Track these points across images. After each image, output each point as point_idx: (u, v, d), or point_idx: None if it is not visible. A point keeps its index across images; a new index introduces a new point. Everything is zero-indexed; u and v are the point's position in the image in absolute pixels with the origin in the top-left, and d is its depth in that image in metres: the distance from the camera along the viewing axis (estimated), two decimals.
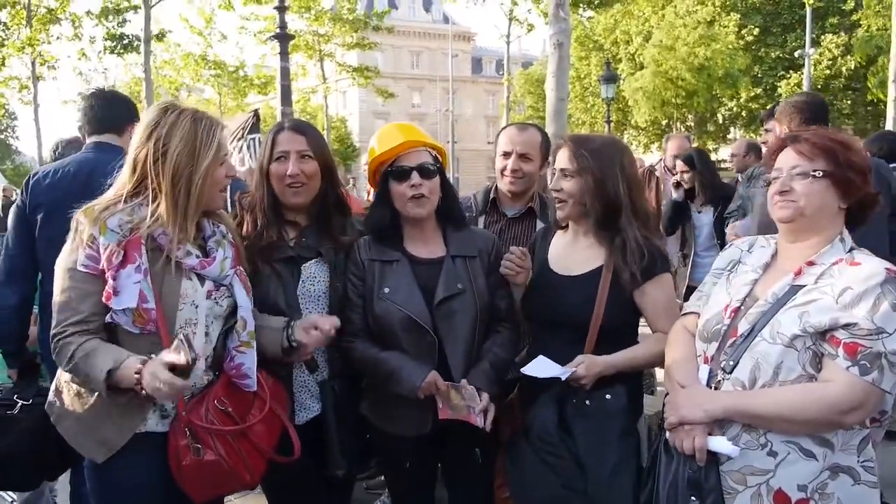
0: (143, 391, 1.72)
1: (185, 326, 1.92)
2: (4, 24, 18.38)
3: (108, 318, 1.84)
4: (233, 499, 3.72)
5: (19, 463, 2.37)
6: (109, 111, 2.98)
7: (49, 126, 36.59)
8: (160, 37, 17.27)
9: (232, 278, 2.03)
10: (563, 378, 2.10)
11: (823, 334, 1.65)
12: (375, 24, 23.57)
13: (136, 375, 1.72)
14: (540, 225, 2.83)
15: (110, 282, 1.81)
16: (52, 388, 2.05)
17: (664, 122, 27.23)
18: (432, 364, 2.22)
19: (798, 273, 1.76)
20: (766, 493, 1.69)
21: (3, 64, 18.53)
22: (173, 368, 1.67)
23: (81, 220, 1.87)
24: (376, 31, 23.83)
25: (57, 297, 1.88)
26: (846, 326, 1.62)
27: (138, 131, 1.95)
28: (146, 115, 1.97)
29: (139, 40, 13.74)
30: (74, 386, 1.93)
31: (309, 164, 2.29)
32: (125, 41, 16.62)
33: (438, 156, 2.37)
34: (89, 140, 2.99)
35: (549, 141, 3.03)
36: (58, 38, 17.93)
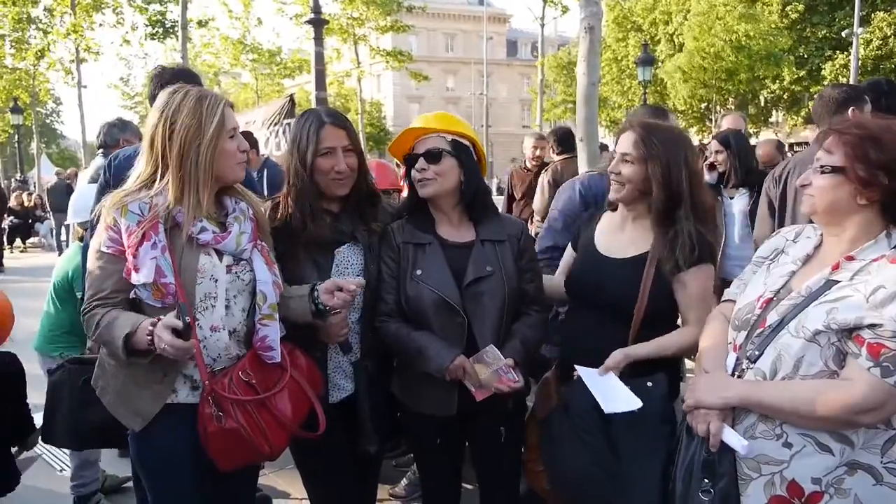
0: (152, 345, 1.85)
1: (204, 300, 2.02)
2: (49, 11, 18.90)
3: (132, 294, 1.97)
4: (268, 472, 3.88)
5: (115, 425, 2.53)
6: None
7: (92, 110, 38.07)
8: (203, 23, 17.54)
9: (251, 252, 2.12)
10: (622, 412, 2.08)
11: (850, 332, 1.61)
12: (409, 5, 23.56)
13: (149, 336, 1.84)
14: None
15: (130, 259, 1.93)
16: (97, 364, 2.18)
17: (703, 105, 26.70)
18: (461, 345, 2.27)
19: (836, 268, 1.71)
20: (779, 482, 1.68)
21: (49, 49, 19.08)
22: (176, 332, 1.80)
23: (106, 206, 2.00)
24: (409, 11, 23.82)
25: (87, 277, 2.03)
26: (872, 326, 1.57)
27: (151, 115, 2.06)
28: (157, 99, 2.07)
29: (178, 26, 13.98)
30: (112, 361, 2.05)
31: (352, 157, 2.38)
32: (167, 25, 16.93)
33: (461, 140, 2.40)
34: None
35: None
36: (100, 24, 18.33)
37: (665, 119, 3.04)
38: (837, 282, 1.68)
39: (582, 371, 2.17)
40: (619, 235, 2.38)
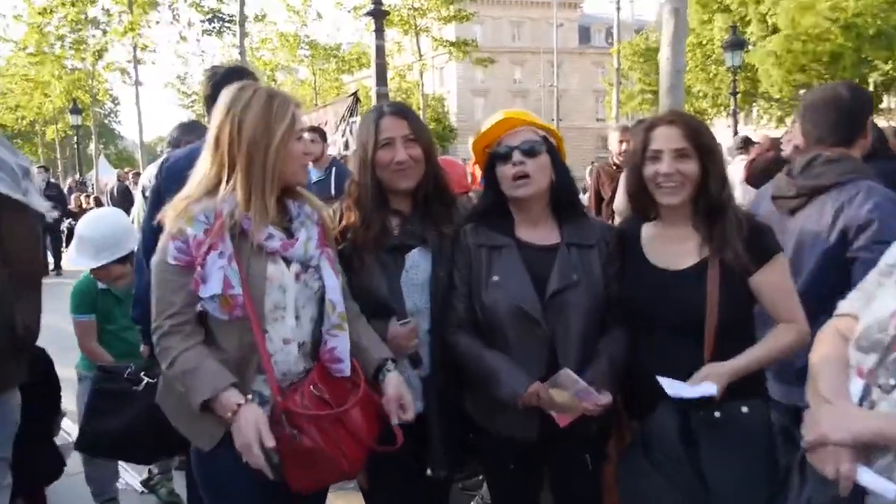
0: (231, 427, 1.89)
1: (274, 310, 2.02)
2: (107, 10, 19.88)
3: (198, 308, 1.97)
4: (332, 496, 3.90)
5: (140, 439, 2.63)
6: None
7: (149, 109, 39.95)
8: (260, 18, 18.09)
9: (319, 259, 2.12)
10: (699, 396, 2.01)
11: None
12: None
13: (230, 414, 1.88)
14: None
15: (198, 270, 1.93)
16: (162, 382, 2.21)
17: (802, 92, 25.62)
18: (542, 361, 2.21)
19: None
20: None
21: (106, 49, 20.07)
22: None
23: (169, 214, 2.01)
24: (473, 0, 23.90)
25: (154, 292, 2.02)
26: None
27: (217, 112, 2.06)
28: (223, 96, 2.07)
29: (235, 22, 14.46)
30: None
31: (414, 148, 2.35)
32: (225, 20, 17.52)
33: (550, 137, 2.37)
34: None
35: None
36: (157, 22, 19.18)
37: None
38: None
39: (664, 382, 2.07)
40: (668, 244, 2.27)
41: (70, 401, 3.08)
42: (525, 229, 2.35)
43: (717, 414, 2.06)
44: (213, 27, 17.55)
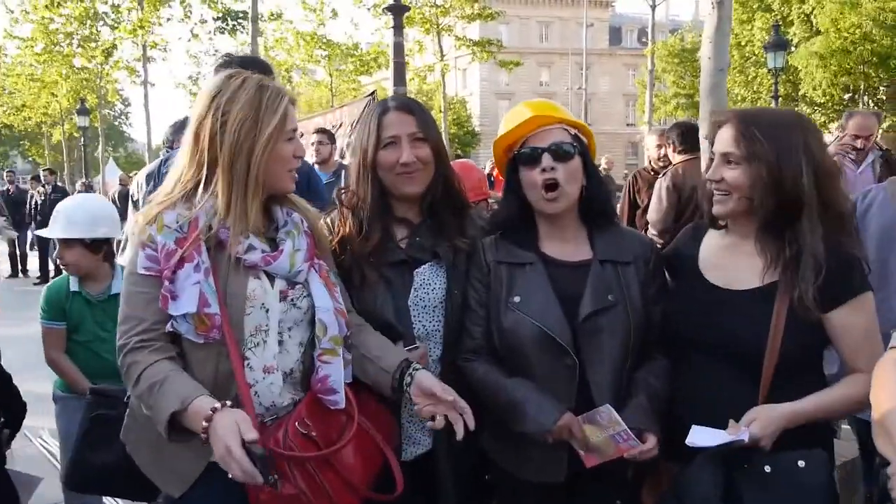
0: (206, 442, 1.64)
1: (255, 334, 1.85)
2: (116, 6, 20.09)
3: (168, 327, 1.79)
4: None
5: (136, 473, 2.45)
6: None
7: (159, 111, 40.12)
8: (275, 16, 18.12)
9: (307, 274, 1.95)
10: (735, 442, 1.81)
11: None
12: None
13: (204, 433, 1.64)
14: None
15: (167, 285, 1.76)
16: (127, 414, 2.03)
17: (846, 96, 25.18)
18: (570, 394, 2.02)
19: None
20: None
21: (115, 47, 20.26)
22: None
23: (139, 221, 1.85)
24: None
25: (121, 307, 1.85)
26: None
27: (198, 101, 1.89)
28: (207, 83, 1.92)
29: (247, 19, 14.50)
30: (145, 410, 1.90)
31: (422, 148, 2.17)
32: (238, 18, 17.59)
33: (581, 135, 2.18)
34: None
35: None
36: (168, 19, 19.32)
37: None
38: None
39: (697, 432, 1.87)
40: (734, 260, 2.06)
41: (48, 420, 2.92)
42: (551, 243, 2.17)
43: (766, 468, 1.83)
44: (226, 25, 17.63)
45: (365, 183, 2.21)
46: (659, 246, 2.66)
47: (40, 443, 5.08)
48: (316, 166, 6.08)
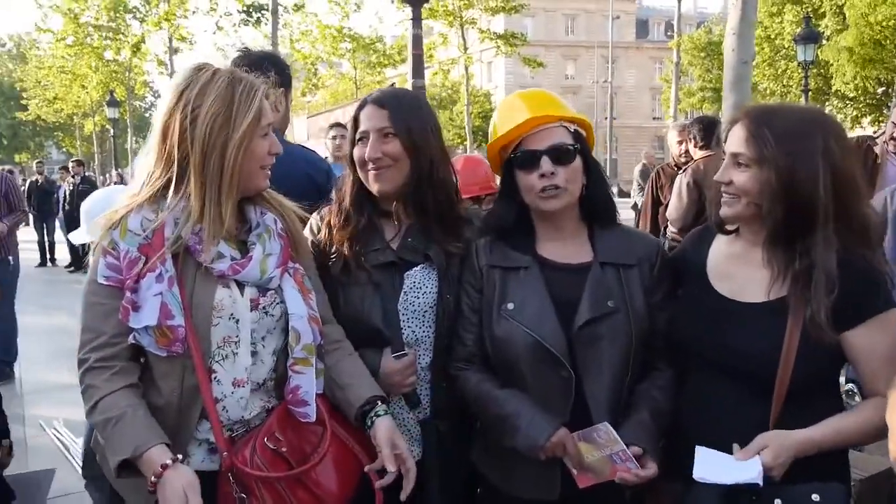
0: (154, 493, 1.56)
1: (223, 346, 1.73)
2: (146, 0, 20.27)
3: (130, 339, 1.68)
4: None
5: None
6: None
7: None
8: (298, 7, 18.11)
9: (280, 279, 1.82)
10: (749, 480, 1.64)
11: None
12: None
13: (154, 478, 1.56)
14: None
15: (128, 295, 1.65)
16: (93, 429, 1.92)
17: (880, 90, 24.56)
18: (565, 408, 1.88)
19: None
20: None
21: (143, 41, 20.43)
22: None
23: (101, 223, 1.73)
24: None
25: (81, 318, 1.74)
26: None
27: (166, 95, 1.77)
28: (175, 77, 1.79)
29: (268, 10, 14.49)
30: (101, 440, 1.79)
31: (391, 143, 2.04)
32: (262, 10, 17.60)
33: (580, 129, 2.02)
34: None
35: None
36: (194, 11, 19.42)
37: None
38: None
39: (702, 450, 1.72)
40: (745, 269, 1.87)
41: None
42: (550, 245, 2.02)
43: (777, 502, 1.66)
44: (250, 17, 17.65)
45: (348, 178, 2.14)
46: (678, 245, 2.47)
47: (53, 433, 5.10)
48: (333, 160, 5.96)
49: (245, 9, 17.79)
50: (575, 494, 1.89)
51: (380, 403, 1.86)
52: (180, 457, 1.61)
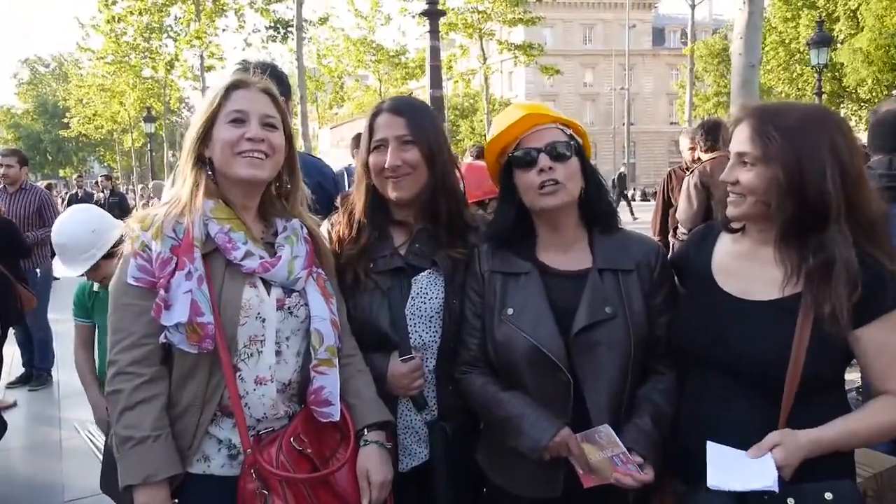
0: None
1: (249, 344, 1.74)
2: (178, 19, 20.54)
3: (161, 339, 1.68)
4: None
5: None
6: None
7: None
8: (323, 20, 18.24)
9: (305, 282, 1.83)
10: (765, 488, 1.59)
11: None
12: None
13: None
14: None
15: (161, 294, 1.66)
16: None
17: (895, 92, 24.08)
18: (565, 414, 1.86)
19: None
20: None
21: (177, 58, 20.71)
22: None
23: (133, 227, 1.74)
24: (540, 2, 23.42)
25: (110, 319, 1.75)
26: None
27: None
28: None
29: (294, 27, 14.61)
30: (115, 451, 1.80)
31: (410, 151, 2.02)
32: (289, 27, 17.75)
33: (575, 134, 2.00)
34: None
35: None
36: (224, 29, 19.63)
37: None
38: None
39: (713, 448, 1.68)
40: (752, 267, 1.82)
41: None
42: (550, 251, 2.00)
43: (790, 501, 1.62)
44: (277, 33, 17.81)
45: (360, 186, 2.11)
46: None
47: (87, 435, 5.16)
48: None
49: (272, 24, 17.97)
50: (577, 492, 1.86)
51: (373, 432, 1.87)
52: (176, 501, 1.65)
